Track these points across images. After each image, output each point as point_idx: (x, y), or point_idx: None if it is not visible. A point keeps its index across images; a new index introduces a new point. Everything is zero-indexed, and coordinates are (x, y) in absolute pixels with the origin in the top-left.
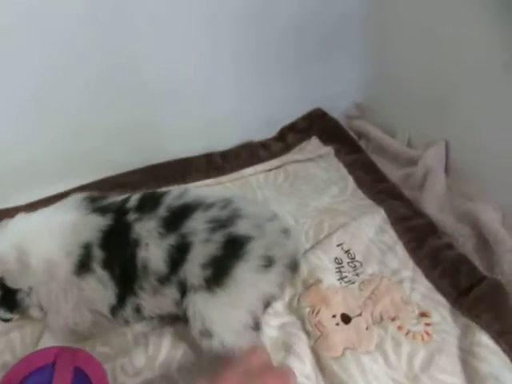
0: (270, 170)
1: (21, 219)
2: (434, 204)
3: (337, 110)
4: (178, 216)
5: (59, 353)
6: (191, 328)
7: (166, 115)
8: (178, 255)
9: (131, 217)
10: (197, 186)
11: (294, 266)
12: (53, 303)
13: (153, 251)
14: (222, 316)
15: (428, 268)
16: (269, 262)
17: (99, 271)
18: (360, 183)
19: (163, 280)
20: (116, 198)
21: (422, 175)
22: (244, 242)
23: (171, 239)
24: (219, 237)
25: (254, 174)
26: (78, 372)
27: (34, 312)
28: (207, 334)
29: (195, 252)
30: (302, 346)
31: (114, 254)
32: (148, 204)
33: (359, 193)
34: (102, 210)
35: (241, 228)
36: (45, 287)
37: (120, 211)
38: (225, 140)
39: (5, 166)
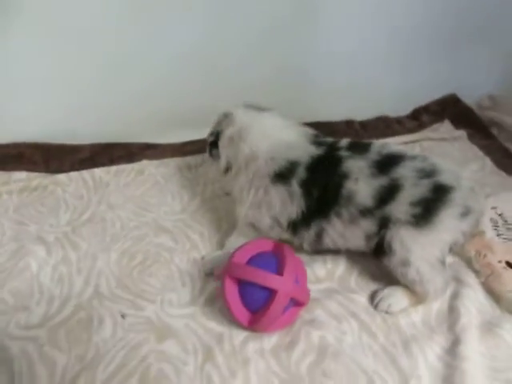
0: (406, 143)
1: (265, 116)
2: None
3: (469, 98)
4: (389, 162)
5: (277, 244)
6: (391, 256)
7: (315, 76)
8: (387, 194)
9: (343, 153)
10: None
11: (478, 220)
12: (238, 191)
13: (362, 186)
14: (422, 250)
15: None
16: (467, 212)
17: (294, 187)
18: (499, 164)
19: (365, 212)
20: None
21: None
22: (448, 190)
23: (382, 180)
24: (427, 183)
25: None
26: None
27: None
28: (406, 263)
29: (405, 193)
30: (472, 280)
31: (318, 178)
32: (358, 147)
33: (500, 171)
34: (317, 143)
35: (445, 178)
36: (236, 172)
37: (332, 147)
38: (362, 110)
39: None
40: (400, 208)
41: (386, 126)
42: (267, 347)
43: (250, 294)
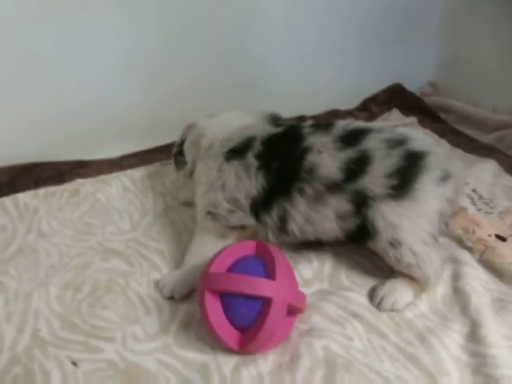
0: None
1: (223, 115)
2: None
3: (413, 87)
4: (354, 136)
5: (259, 244)
6: (377, 237)
7: (274, 79)
8: (357, 166)
9: (305, 130)
10: None
11: (459, 186)
12: (197, 183)
13: (326, 159)
14: (410, 224)
15: None
16: (446, 175)
17: (250, 159)
18: (455, 144)
19: (333, 187)
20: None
21: None
22: (422, 156)
23: (349, 152)
24: (398, 151)
25: None
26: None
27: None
28: (396, 243)
29: (376, 164)
30: (468, 258)
31: (276, 151)
32: (321, 126)
33: (458, 151)
34: (276, 124)
35: (416, 145)
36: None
37: (293, 126)
38: (314, 106)
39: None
40: (375, 181)
41: (337, 119)
42: (265, 370)
43: (236, 309)
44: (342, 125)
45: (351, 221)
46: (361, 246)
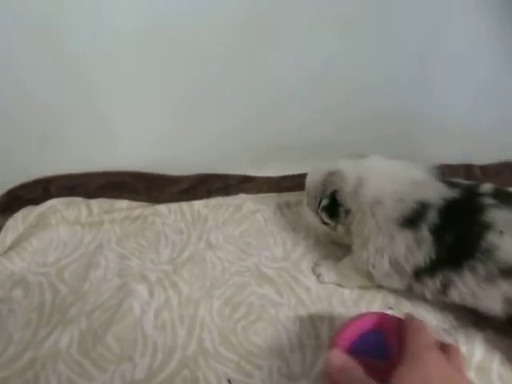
0: None
1: (372, 160)
2: None
3: None
4: None
5: (383, 318)
6: None
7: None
8: None
9: (486, 200)
10: None
11: None
12: (361, 236)
13: (508, 242)
14: None
15: None
16: None
17: (424, 233)
18: None
19: (508, 272)
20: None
21: None
22: None
23: None
24: None
25: None
26: None
27: (340, 229)
28: None
29: None
30: None
31: (453, 224)
32: (505, 197)
33: None
34: (450, 184)
35: None
36: (361, 218)
37: (470, 191)
38: (484, 153)
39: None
40: None
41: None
42: None
43: None
44: None
45: None
46: None
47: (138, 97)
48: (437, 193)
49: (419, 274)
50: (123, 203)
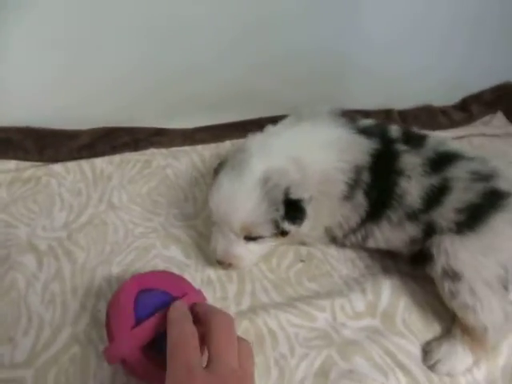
0: (452, 139)
1: (285, 133)
2: None
3: None
4: (443, 160)
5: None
6: (434, 265)
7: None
8: (435, 196)
9: (400, 147)
10: None
11: None
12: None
13: (413, 186)
14: (471, 259)
15: None
16: None
17: (360, 198)
18: None
19: (412, 215)
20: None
21: None
22: (504, 196)
23: (433, 179)
24: (479, 187)
25: None
26: None
27: (306, 224)
28: (453, 275)
29: (453, 197)
30: None
31: (378, 180)
32: (413, 141)
33: None
34: (366, 133)
35: (503, 185)
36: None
37: (385, 138)
38: (403, 98)
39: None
40: (444, 214)
41: (429, 116)
42: None
43: None
44: (433, 145)
45: (419, 245)
46: (423, 286)
47: (21, 40)
48: (361, 150)
49: (347, 234)
50: (10, 164)
